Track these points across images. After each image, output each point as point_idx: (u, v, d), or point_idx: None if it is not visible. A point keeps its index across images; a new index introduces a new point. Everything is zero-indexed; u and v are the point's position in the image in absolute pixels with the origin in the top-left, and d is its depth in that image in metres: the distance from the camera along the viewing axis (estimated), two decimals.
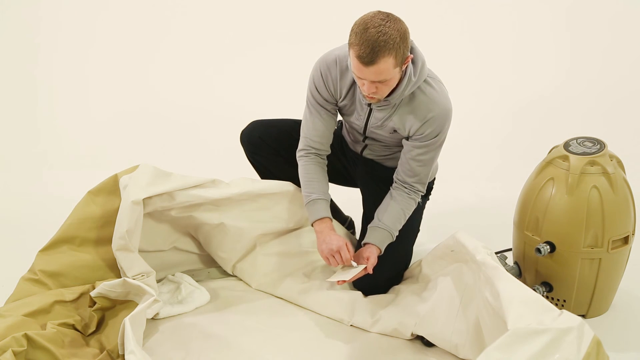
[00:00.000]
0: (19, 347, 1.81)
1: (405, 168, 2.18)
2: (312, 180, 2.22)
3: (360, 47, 1.85)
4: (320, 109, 2.19)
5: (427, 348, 2.09)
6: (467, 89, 3.74)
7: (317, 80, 2.14)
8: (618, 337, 2.14)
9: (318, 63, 2.14)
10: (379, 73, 1.88)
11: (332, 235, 2.15)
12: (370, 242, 2.17)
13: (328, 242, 2.13)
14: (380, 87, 1.94)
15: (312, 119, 2.20)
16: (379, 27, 1.83)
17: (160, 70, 4.00)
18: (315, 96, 2.17)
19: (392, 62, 1.86)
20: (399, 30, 1.85)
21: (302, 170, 2.25)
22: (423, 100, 2.05)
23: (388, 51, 1.84)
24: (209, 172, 2.34)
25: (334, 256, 2.12)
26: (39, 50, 3.98)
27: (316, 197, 2.20)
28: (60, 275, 2.15)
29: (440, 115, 2.06)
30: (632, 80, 3.75)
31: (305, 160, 2.24)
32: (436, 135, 2.09)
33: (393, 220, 2.18)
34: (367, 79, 1.91)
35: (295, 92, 2.84)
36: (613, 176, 2.08)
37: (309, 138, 2.22)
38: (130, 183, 2.15)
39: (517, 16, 4.02)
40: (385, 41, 1.83)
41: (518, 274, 2.29)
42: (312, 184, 2.22)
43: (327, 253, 2.13)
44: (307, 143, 2.23)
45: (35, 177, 3.27)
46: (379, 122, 2.14)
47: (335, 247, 2.12)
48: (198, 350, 2.06)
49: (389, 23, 1.85)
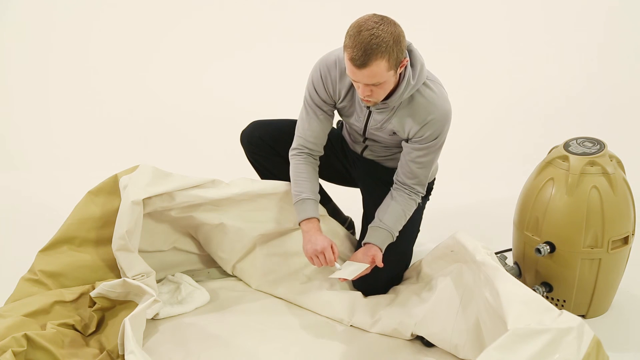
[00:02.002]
0: (19, 347, 1.81)
1: (404, 170, 2.18)
2: (303, 179, 2.22)
3: (353, 50, 1.85)
4: (317, 110, 2.19)
5: (427, 348, 2.09)
6: (467, 89, 3.75)
7: (317, 81, 2.14)
8: (618, 337, 2.14)
9: (318, 64, 2.14)
10: (371, 76, 1.87)
11: (318, 236, 2.14)
12: (371, 242, 2.17)
13: (313, 242, 2.13)
14: (375, 90, 1.94)
15: (309, 120, 2.20)
16: (372, 30, 1.83)
17: (160, 70, 4.00)
18: (314, 97, 2.17)
19: (384, 65, 1.86)
20: (392, 34, 1.85)
21: (293, 169, 2.24)
22: (422, 103, 2.05)
23: (380, 54, 1.84)
24: (208, 173, 2.34)
25: (317, 257, 2.12)
26: (40, 50, 3.98)
27: (305, 197, 2.19)
28: (60, 275, 2.15)
29: (440, 118, 2.06)
30: (632, 80, 3.75)
31: (297, 160, 2.24)
32: (435, 138, 2.09)
33: (394, 220, 2.18)
34: (360, 82, 1.91)
35: (295, 92, 2.84)
36: (613, 176, 2.08)
37: (303, 138, 2.22)
38: (130, 183, 2.15)
39: (517, 16, 4.02)
40: (378, 44, 1.82)
41: (518, 274, 2.29)
42: (302, 183, 2.21)
43: (311, 253, 2.12)
44: (301, 142, 2.23)
45: (35, 177, 3.27)
46: (378, 124, 2.14)
47: (320, 247, 2.11)
48: (198, 350, 2.06)
49: (382, 26, 1.84)
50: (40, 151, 3.49)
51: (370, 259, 2.14)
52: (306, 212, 2.18)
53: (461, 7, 4.07)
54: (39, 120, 3.70)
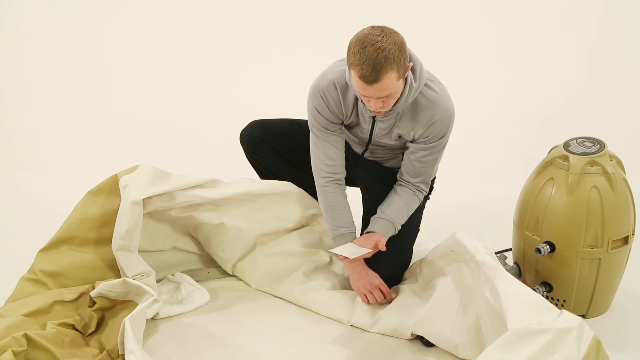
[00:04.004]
0: (19, 347, 1.81)
1: (408, 169, 2.18)
2: (336, 212, 2.22)
3: (362, 67, 1.83)
4: (327, 133, 2.17)
5: (427, 348, 2.09)
6: (467, 89, 3.74)
7: (320, 106, 2.12)
8: (618, 337, 2.13)
9: (314, 90, 2.12)
10: (383, 89, 1.87)
11: (368, 271, 2.18)
12: (373, 231, 2.18)
13: (364, 277, 2.17)
14: (387, 100, 1.94)
15: (322, 145, 2.18)
16: (376, 43, 1.82)
17: (160, 70, 4.00)
18: (320, 121, 2.15)
19: (395, 76, 1.86)
20: (396, 43, 1.84)
21: (323, 202, 2.23)
22: (426, 105, 2.05)
23: (390, 66, 1.83)
24: (209, 172, 2.34)
25: (372, 292, 2.16)
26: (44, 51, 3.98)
27: (344, 232, 2.21)
28: (60, 275, 2.15)
29: (444, 117, 2.06)
30: (632, 80, 3.74)
31: (325, 191, 2.22)
32: (441, 137, 2.10)
33: (396, 213, 2.18)
34: (372, 97, 1.90)
35: (295, 92, 2.84)
36: (613, 176, 2.08)
37: (323, 164, 2.19)
38: (130, 183, 2.15)
39: (517, 16, 4.02)
40: (386, 57, 1.82)
41: (518, 274, 2.29)
42: (337, 217, 2.22)
43: (365, 290, 2.16)
44: (323, 174, 2.21)
45: (35, 177, 3.27)
46: (384, 132, 2.14)
47: (377, 284, 2.16)
48: (198, 350, 2.06)
49: (385, 37, 1.84)
50: (40, 151, 3.49)
51: (373, 244, 2.14)
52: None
53: (460, 8, 4.07)
54: (39, 121, 3.69)
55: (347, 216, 2.23)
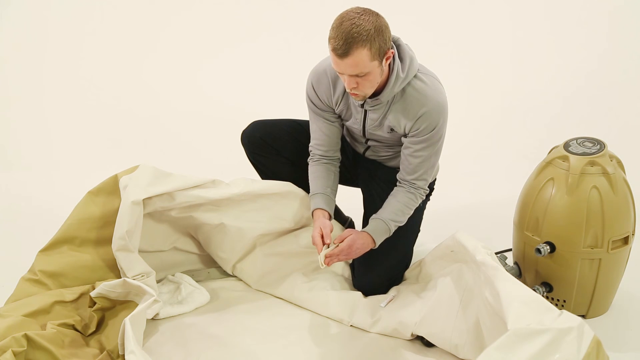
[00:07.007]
0: (19, 348, 1.81)
1: (404, 165, 2.18)
2: (313, 179, 2.27)
3: (335, 40, 1.87)
4: (322, 114, 2.23)
5: (427, 348, 2.09)
6: (468, 89, 3.75)
7: (310, 92, 2.20)
8: (618, 337, 2.14)
9: (309, 75, 2.19)
10: (354, 65, 1.89)
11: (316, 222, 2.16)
12: (365, 230, 2.18)
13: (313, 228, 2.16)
14: (361, 82, 1.95)
15: (316, 122, 2.25)
16: (353, 19, 1.86)
17: (160, 70, 4.00)
18: (311, 107, 2.23)
19: (366, 54, 1.87)
20: (373, 23, 1.87)
21: (309, 174, 2.29)
22: (414, 96, 2.05)
23: (362, 43, 1.85)
24: (209, 172, 2.34)
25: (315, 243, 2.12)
26: (37, 51, 3.98)
27: (312, 193, 2.25)
28: (60, 275, 2.15)
29: (434, 109, 2.06)
30: (632, 80, 3.74)
31: (310, 165, 2.30)
32: (432, 130, 2.08)
33: (390, 213, 2.17)
34: (345, 73, 1.93)
35: (295, 92, 2.84)
36: (613, 176, 2.08)
37: (314, 143, 2.28)
38: (130, 183, 2.15)
39: (517, 15, 4.02)
40: (359, 32, 1.84)
41: (518, 274, 2.29)
42: (313, 182, 2.27)
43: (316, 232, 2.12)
44: (313, 149, 2.29)
45: (35, 177, 3.27)
46: (375, 123, 2.14)
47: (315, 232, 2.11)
48: (198, 350, 2.06)
49: (364, 16, 1.87)
50: (40, 151, 3.49)
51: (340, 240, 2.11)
52: (312, 205, 2.22)
53: (462, 7, 4.07)
54: (40, 121, 3.69)
55: (322, 182, 2.25)
